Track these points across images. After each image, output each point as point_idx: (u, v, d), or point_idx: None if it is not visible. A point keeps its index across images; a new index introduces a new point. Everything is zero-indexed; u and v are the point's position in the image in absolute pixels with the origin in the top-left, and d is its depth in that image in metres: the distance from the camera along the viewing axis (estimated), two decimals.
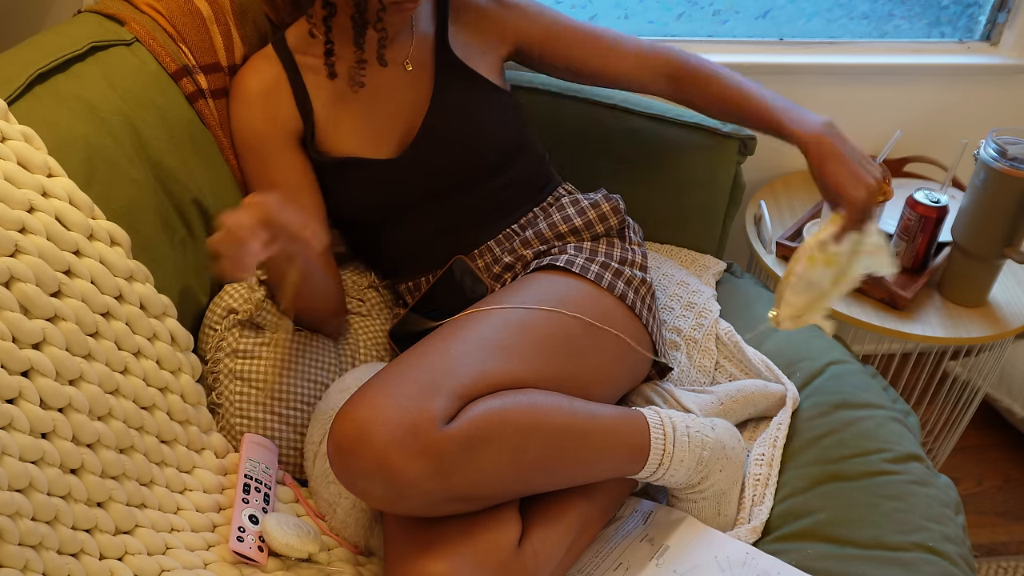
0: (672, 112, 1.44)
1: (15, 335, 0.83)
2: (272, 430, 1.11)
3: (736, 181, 1.46)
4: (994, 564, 1.68)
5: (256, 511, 1.01)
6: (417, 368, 0.93)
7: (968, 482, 1.84)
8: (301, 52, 1.19)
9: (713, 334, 1.30)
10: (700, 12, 1.69)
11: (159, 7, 1.15)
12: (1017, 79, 1.78)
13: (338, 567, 1.02)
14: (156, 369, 1.00)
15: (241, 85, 1.18)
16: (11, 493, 0.78)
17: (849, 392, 1.19)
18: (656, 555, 1.02)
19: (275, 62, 1.19)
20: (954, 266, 1.47)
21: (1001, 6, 1.74)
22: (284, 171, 1.19)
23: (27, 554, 0.78)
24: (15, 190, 0.88)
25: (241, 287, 1.13)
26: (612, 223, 1.21)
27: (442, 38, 1.22)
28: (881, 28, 1.76)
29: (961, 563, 1.00)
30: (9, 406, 0.81)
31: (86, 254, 0.94)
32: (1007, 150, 1.35)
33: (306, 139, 1.19)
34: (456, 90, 1.21)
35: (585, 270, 1.11)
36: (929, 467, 1.11)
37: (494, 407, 0.92)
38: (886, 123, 1.76)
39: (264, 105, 1.17)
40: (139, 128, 1.06)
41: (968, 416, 1.76)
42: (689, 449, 1.02)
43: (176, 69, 1.14)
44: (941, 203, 1.43)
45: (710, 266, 1.44)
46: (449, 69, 1.21)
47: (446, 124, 1.19)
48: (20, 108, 0.94)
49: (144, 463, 0.96)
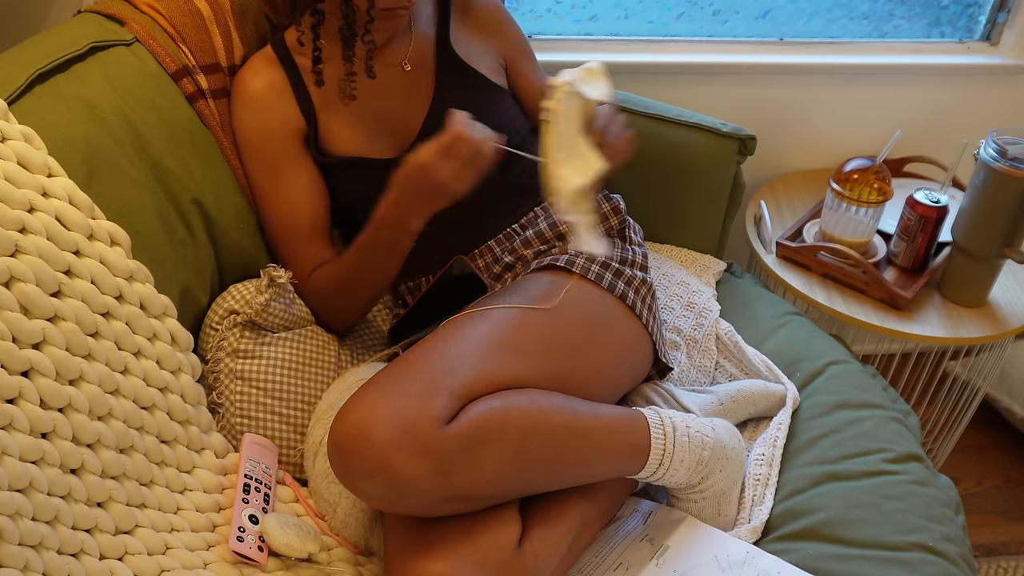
0: (672, 112, 1.44)
1: (15, 335, 0.83)
2: (272, 430, 1.11)
3: (736, 181, 1.46)
4: (994, 564, 1.68)
5: (256, 511, 1.01)
6: (417, 368, 0.93)
7: (968, 482, 1.84)
8: (300, 53, 1.19)
9: (713, 334, 1.30)
10: (700, 12, 1.69)
11: (159, 7, 1.15)
12: (1017, 79, 1.78)
13: (338, 567, 1.02)
14: (156, 369, 1.00)
15: (243, 87, 1.18)
16: (11, 493, 0.78)
17: (849, 392, 1.19)
18: (656, 555, 1.02)
19: (275, 63, 1.19)
20: (954, 266, 1.47)
21: (1001, 6, 1.74)
22: (292, 171, 1.19)
23: (27, 554, 0.78)
24: (15, 190, 0.88)
25: (246, 289, 1.13)
26: (612, 223, 1.21)
27: (443, 38, 1.22)
28: (881, 28, 1.76)
29: (961, 563, 1.00)
30: (9, 406, 0.81)
31: (86, 254, 0.94)
32: (1007, 150, 1.35)
33: (309, 139, 1.19)
34: (457, 89, 1.21)
35: (586, 270, 1.11)
36: (929, 467, 1.11)
37: (494, 407, 0.92)
38: (886, 123, 1.76)
39: (268, 105, 1.17)
40: (139, 128, 1.06)
41: (968, 416, 1.76)
42: (689, 449, 1.02)
43: (176, 69, 1.14)
44: (941, 203, 1.43)
45: (710, 266, 1.44)
46: (450, 68, 1.21)
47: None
48: (20, 108, 0.94)
49: (144, 463, 0.96)
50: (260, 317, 1.13)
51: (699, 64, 1.67)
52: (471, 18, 1.27)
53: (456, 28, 1.25)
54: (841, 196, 1.47)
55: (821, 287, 1.50)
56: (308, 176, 1.20)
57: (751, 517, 1.08)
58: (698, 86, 1.69)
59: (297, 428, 1.13)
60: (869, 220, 1.48)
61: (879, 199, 1.46)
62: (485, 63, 1.25)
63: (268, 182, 1.20)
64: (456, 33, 1.24)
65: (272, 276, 1.13)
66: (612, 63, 1.64)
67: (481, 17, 1.28)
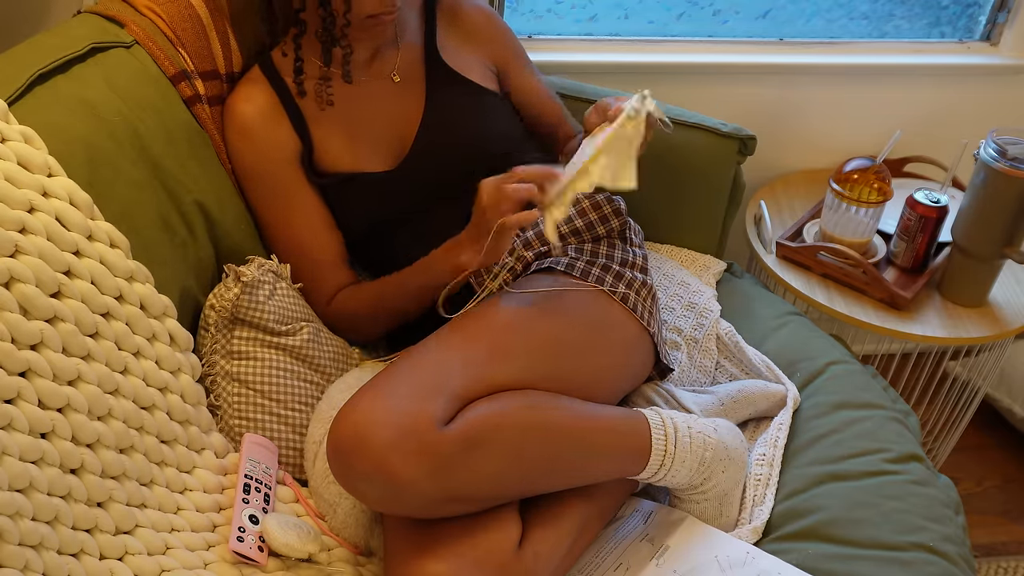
0: (672, 112, 1.44)
1: (14, 336, 0.83)
2: (271, 431, 1.11)
3: (736, 181, 1.46)
4: (994, 564, 1.68)
5: (256, 511, 1.01)
6: (416, 370, 0.93)
7: (968, 482, 1.84)
8: (288, 73, 1.18)
9: (714, 334, 1.30)
10: (700, 12, 1.69)
11: (159, 11, 1.15)
12: (1017, 79, 1.78)
13: (338, 567, 1.02)
14: (156, 369, 1.00)
15: (235, 115, 1.17)
16: (11, 493, 0.78)
17: (849, 392, 1.19)
18: (656, 555, 1.02)
19: (264, 85, 1.18)
20: (954, 266, 1.47)
21: (1001, 6, 1.74)
22: (295, 197, 1.19)
23: (27, 554, 0.78)
24: (15, 190, 0.88)
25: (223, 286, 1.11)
26: (614, 224, 1.21)
27: (431, 46, 1.22)
28: (881, 28, 1.77)
29: (961, 563, 1.00)
30: (8, 406, 0.81)
31: (86, 254, 0.94)
32: (1007, 150, 1.35)
33: (304, 160, 1.19)
34: (448, 97, 1.21)
35: (586, 274, 1.11)
36: (929, 467, 1.11)
37: (494, 408, 0.92)
38: (886, 123, 1.76)
39: (263, 131, 1.17)
40: (139, 130, 1.06)
41: (968, 416, 1.76)
42: (691, 450, 1.02)
43: (174, 73, 1.14)
44: (941, 203, 1.43)
45: (710, 266, 1.44)
46: (440, 77, 1.21)
47: (440, 132, 1.19)
48: (20, 109, 0.94)
49: (144, 463, 0.96)
50: (243, 313, 1.11)
51: (699, 64, 1.67)
52: (459, 25, 1.27)
53: (444, 36, 1.25)
54: (841, 196, 1.47)
55: (821, 287, 1.50)
56: (312, 201, 1.20)
57: (752, 517, 1.08)
58: (698, 86, 1.69)
59: (296, 428, 1.13)
60: (869, 220, 1.48)
61: (879, 199, 1.46)
62: (476, 70, 1.25)
63: (273, 211, 1.20)
64: (444, 41, 1.24)
65: (237, 272, 1.11)
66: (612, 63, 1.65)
67: (469, 23, 1.28)
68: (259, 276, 1.12)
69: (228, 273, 1.11)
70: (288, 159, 1.18)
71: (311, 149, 1.19)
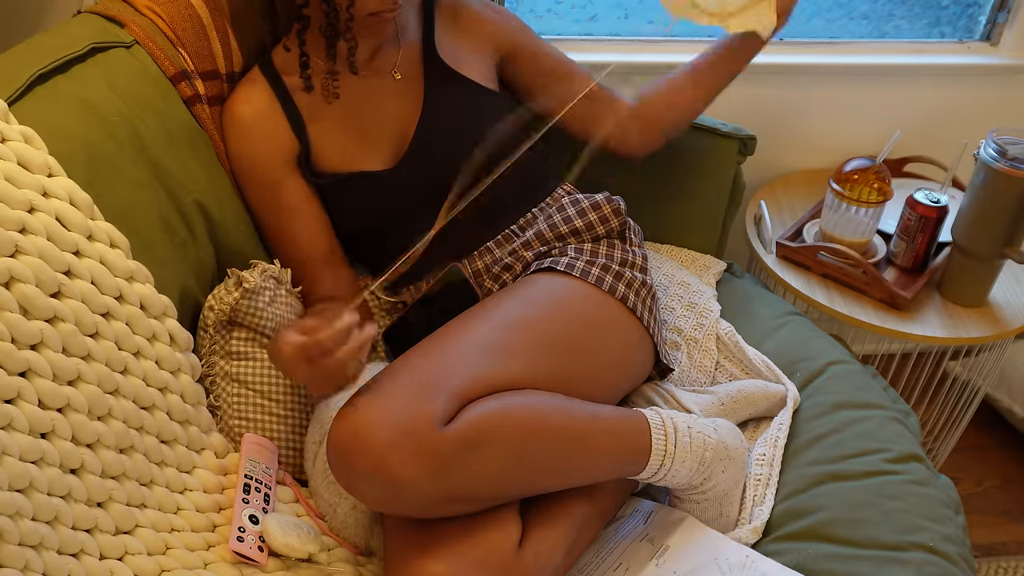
0: None
1: (14, 336, 0.83)
2: (270, 431, 1.11)
3: (736, 181, 1.46)
4: (994, 564, 1.68)
5: (256, 511, 1.01)
6: (416, 370, 0.93)
7: (968, 482, 1.84)
8: (288, 73, 1.18)
9: (714, 334, 1.30)
10: None
11: (159, 11, 1.15)
12: (1017, 79, 1.78)
13: (338, 567, 1.02)
14: (156, 369, 1.00)
15: (234, 116, 1.17)
16: (11, 493, 0.78)
17: (849, 392, 1.19)
18: (656, 555, 1.02)
19: (263, 86, 1.18)
20: (954, 266, 1.47)
21: (1001, 6, 1.74)
22: (292, 195, 1.19)
23: (27, 554, 0.78)
24: (15, 190, 0.88)
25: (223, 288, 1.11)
26: (613, 224, 1.21)
27: (429, 45, 1.22)
28: (881, 28, 1.76)
29: (961, 563, 1.00)
30: (8, 406, 0.81)
31: (86, 254, 0.94)
32: (1007, 150, 1.35)
33: (301, 160, 1.19)
34: (446, 96, 1.21)
35: (585, 274, 1.11)
36: (929, 467, 1.11)
37: (493, 408, 0.92)
38: (886, 123, 1.76)
39: (261, 132, 1.17)
40: (139, 130, 1.06)
41: (968, 416, 1.76)
42: (691, 450, 1.02)
43: (174, 73, 1.14)
44: (941, 203, 1.43)
45: (710, 266, 1.44)
46: (438, 76, 1.21)
47: (438, 131, 1.19)
48: (20, 109, 0.94)
49: (144, 463, 0.96)
50: (241, 317, 1.12)
51: None
52: (459, 23, 1.26)
53: (444, 34, 1.24)
54: (841, 196, 1.47)
55: (821, 287, 1.50)
56: (309, 202, 1.20)
57: (752, 517, 1.08)
58: None
59: (296, 428, 1.13)
60: (869, 220, 1.48)
61: (879, 199, 1.46)
62: (476, 68, 1.25)
63: (270, 212, 1.20)
64: (443, 39, 1.24)
65: (240, 277, 1.11)
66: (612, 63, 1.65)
67: (468, 19, 1.27)
68: (261, 283, 1.12)
69: (231, 276, 1.11)
70: (285, 160, 1.18)
71: (308, 150, 1.19)
